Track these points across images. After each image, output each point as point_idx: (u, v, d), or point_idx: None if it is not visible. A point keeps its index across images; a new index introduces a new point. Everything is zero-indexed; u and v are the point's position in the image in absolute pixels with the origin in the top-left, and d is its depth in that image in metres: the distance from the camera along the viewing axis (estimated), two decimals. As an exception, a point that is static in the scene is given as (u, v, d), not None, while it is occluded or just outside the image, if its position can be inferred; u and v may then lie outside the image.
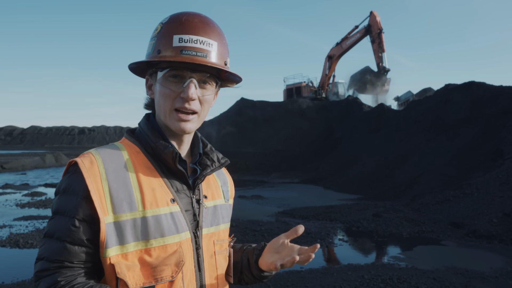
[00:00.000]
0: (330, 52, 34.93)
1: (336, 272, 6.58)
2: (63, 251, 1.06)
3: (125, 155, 1.18)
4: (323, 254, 8.11)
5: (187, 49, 1.14)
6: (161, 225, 1.12)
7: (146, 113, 1.32)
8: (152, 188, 1.15)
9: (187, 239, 1.18)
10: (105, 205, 1.09)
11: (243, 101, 33.51)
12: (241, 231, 9.28)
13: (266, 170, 24.80)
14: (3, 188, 19.13)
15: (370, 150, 21.51)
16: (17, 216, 11.91)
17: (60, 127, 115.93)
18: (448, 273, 6.52)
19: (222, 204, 1.35)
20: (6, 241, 8.87)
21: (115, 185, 1.11)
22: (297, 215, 11.81)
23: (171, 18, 1.19)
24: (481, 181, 11.83)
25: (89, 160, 1.12)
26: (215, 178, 1.39)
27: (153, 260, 1.11)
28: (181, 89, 1.16)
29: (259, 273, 1.36)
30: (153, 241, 1.11)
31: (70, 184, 1.10)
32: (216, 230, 1.30)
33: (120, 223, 1.09)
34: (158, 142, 1.19)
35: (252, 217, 11.33)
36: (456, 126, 17.94)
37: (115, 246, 1.08)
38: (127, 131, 1.30)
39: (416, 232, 9.67)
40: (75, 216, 1.07)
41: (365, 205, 13.14)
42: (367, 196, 16.00)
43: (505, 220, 9.39)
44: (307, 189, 18.97)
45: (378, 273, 6.46)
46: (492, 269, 6.99)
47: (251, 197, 15.83)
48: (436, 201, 11.81)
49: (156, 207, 1.13)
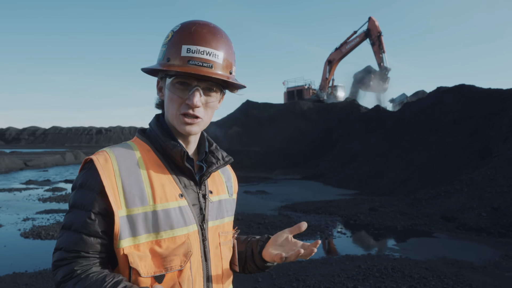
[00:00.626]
0: (330, 57, 34.82)
1: (334, 262, 6.56)
2: (79, 242, 1.06)
3: (137, 153, 1.18)
4: (323, 246, 8.08)
5: (194, 60, 1.14)
6: (170, 218, 1.13)
7: (156, 114, 1.32)
8: (162, 184, 1.15)
9: (194, 231, 1.18)
10: (119, 199, 1.09)
11: (249, 103, 33.51)
12: (246, 224, 9.28)
13: (269, 167, 24.79)
14: (26, 184, 19.24)
15: (367, 149, 21.46)
16: (39, 210, 11.97)
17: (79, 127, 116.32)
18: (439, 264, 6.49)
19: (226, 198, 1.35)
20: (29, 233, 8.93)
21: (128, 181, 1.11)
22: (299, 209, 11.80)
23: (181, 27, 1.18)
24: (471, 178, 11.76)
25: (103, 157, 1.12)
26: (220, 174, 1.39)
27: (163, 251, 1.11)
28: (187, 96, 1.16)
29: (262, 263, 1.36)
30: (163, 233, 1.11)
31: (86, 180, 1.11)
32: (221, 223, 1.30)
33: (133, 217, 1.09)
34: (167, 142, 1.20)
35: (256, 211, 11.33)
36: (447, 126, 17.87)
37: (128, 238, 1.08)
38: (139, 131, 1.30)
39: (409, 225, 9.63)
40: (91, 209, 1.07)
41: (362, 200, 13.12)
42: (364, 191, 15.96)
43: (493, 214, 9.34)
44: (308, 185, 18.95)
45: (374, 263, 6.44)
46: (480, 259, 6.95)
47: (256, 192, 15.83)
48: (428, 196, 11.76)
49: (165, 202, 1.13)
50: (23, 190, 17.05)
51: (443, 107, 19.15)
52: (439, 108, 19.38)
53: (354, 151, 22.21)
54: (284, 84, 37.34)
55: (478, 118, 16.69)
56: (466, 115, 17.44)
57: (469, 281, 5.53)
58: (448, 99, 19.23)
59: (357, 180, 17.99)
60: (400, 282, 5.49)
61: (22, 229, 9.41)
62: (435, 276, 5.72)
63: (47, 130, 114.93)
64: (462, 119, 17.44)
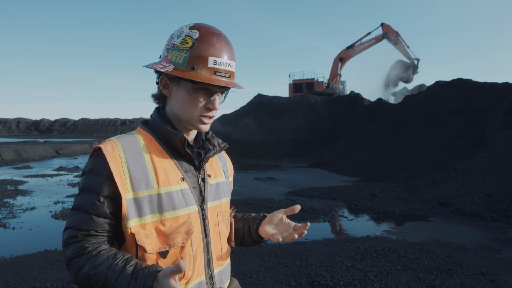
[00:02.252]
0: (342, 54, 34.35)
1: (335, 243, 6.58)
2: (89, 221, 1.09)
3: (141, 142, 1.20)
4: (325, 228, 8.10)
5: (220, 71, 1.17)
6: (173, 200, 1.15)
7: (156, 107, 1.33)
8: (165, 169, 1.18)
9: (194, 211, 1.20)
10: (126, 184, 1.11)
11: (260, 96, 33.39)
12: (255, 208, 9.33)
13: (279, 155, 24.77)
14: (57, 171, 19.55)
15: (369, 139, 21.30)
16: (68, 194, 12.18)
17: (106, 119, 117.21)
18: (433, 245, 6.46)
19: (223, 181, 1.38)
20: (60, 214, 9.10)
21: (134, 167, 1.13)
22: (304, 195, 11.81)
23: (201, 36, 1.17)
24: (466, 166, 11.62)
25: (111, 146, 1.15)
26: (217, 159, 1.41)
27: (166, 229, 1.14)
28: (208, 100, 1.20)
29: (259, 239, 1.41)
30: (167, 213, 1.14)
31: (95, 166, 1.13)
32: (219, 203, 1.33)
33: (139, 199, 1.12)
34: (169, 130, 1.22)
35: (265, 196, 11.38)
36: (445, 118, 17.63)
37: (135, 218, 1.11)
38: (142, 122, 1.32)
39: (407, 210, 9.58)
40: (100, 193, 1.10)
41: (364, 186, 13.06)
42: (366, 178, 15.88)
43: (486, 200, 9.24)
44: (314, 172, 18.91)
45: (372, 244, 6.43)
46: (472, 242, 6.90)
47: (265, 179, 15.86)
48: (425, 183, 11.66)
49: (168, 185, 1.16)
50: (55, 176, 17.33)
51: (441, 100, 18.86)
52: (438, 101, 19.09)
53: (358, 141, 22.06)
54: (290, 76, 36.54)
55: (474, 110, 16.43)
56: (463, 108, 17.17)
57: (460, 261, 5.50)
58: (446, 92, 18.93)
59: (360, 168, 17.89)
60: (396, 261, 5.48)
61: (53, 211, 9.60)
62: (428, 256, 5.70)
63: (76, 122, 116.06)
64: (459, 111, 17.18)
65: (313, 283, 4.74)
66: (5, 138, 69.67)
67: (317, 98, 30.95)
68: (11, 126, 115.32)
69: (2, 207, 9.97)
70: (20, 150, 27.06)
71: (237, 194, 11.75)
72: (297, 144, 26.03)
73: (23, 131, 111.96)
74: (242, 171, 19.18)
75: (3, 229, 7.83)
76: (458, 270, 5.14)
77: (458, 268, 5.24)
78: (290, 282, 4.79)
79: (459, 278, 4.89)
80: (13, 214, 9.22)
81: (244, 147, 27.23)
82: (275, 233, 1.34)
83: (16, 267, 5.45)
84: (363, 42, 33.35)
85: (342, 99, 29.84)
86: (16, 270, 5.30)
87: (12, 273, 5.20)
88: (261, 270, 5.21)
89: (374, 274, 4.97)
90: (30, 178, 16.32)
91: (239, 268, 5.27)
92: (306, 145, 25.69)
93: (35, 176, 17.05)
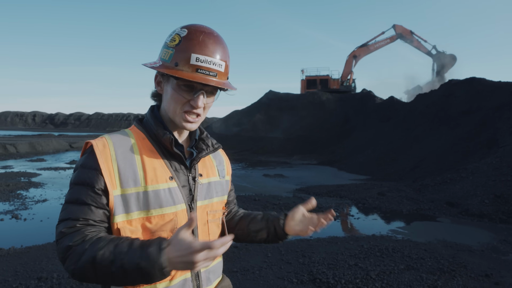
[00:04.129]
0: (356, 52, 34.17)
1: (339, 242, 6.56)
2: (88, 211, 1.10)
3: (132, 140, 1.23)
4: (331, 226, 8.08)
5: (202, 69, 1.17)
6: (159, 198, 1.17)
7: (151, 105, 1.36)
8: (154, 167, 1.20)
9: (182, 210, 1.21)
10: (114, 180, 1.14)
11: (271, 93, 33.36)
12: (262, 204, 9.35)
13: (288, 152, 24.73)
14: (70, 164, 19.83)
15: (380, 137, 21.12)
16: (80, 187, 12.33)
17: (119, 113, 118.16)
18: (438, 246, 6.40)
19: (216, 180, 1.38)
20: (70, 207, 9.25)
21: (123, 165, 1.16)
22: (312, 192, 11.76)
23: (189, 33, 1.19)
24: (477, 166, 11.44)
25: (102, 143, 1.17)
26: (211, 159, 1.42)
27: (152, 226, 1.16)
28: (191, 97, 1.20)
29: (285, 237, 1.45)
30: (153, 211, 1.16)
31: (87, 162, 1.15)
32: (210, 202, 1.33)
33: (126, 196, 1.14)
34: (159, 130, 1.24)
35: (273, 193, 11.38)
36: (457, 117, 17.37)
37: (122, 214, 1.13)
38: (136, 120, 1.35)
39: (414, 209, 9.48)
40: (94, 185, 1.11)
41: (372, 185, 12.96)
42: (375, 177, 15.75)
43: (496, 201, 9.10)
44: (323, 169, 18.83)
45: (376, 243, 6.40)
46: (479, 243, 6.80)
47: (274, 176, 15.86)
48: (434, 183, 11.52)
49: (156, 183, 1.18)
50: (67, 169, 17.59)
51: (454, 99, 18.58)
52: (450, 100, 18.81)
53: (368, 139, 21.89)
54: (303, 72, 35.99)
55: (487, 110, 16.13)
56: (476, 107, 16.88)
57: (464, 262, 5.44)
58: (459, 91, 18.63)
59: (369, 167, 17.75)
60: (399, 261, 5.45)
61: (64, 203, 9.74)
62: (433, 257, 5.65)
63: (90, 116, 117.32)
64: (472, 111, 16.90)
65: (314, 281, 4.75)
66: (21, 131, 70.99)
67: (328, 96, 30.79)
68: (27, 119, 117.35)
69: (15, 198, 10.18)
70: (35, 143, 27.53)
71: (245, 190, 11.78)
72: (307, 141, 25.95)
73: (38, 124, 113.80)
74: (251, 168, 19.22)
75: (15, 220, 8.00)
76: (462, 271, 5.09)
77: (462, 269, 5.19)
78: (291, 279, 4.80)
79: (462, 279, 4.84)
80: (25, 205, 9.41)
81: (254, 143, 27.26)
82: (302, 228, 1.38)
83: (26, 257, 5.58)
84: (378, 41, 33.17)
85: (354, 97, 29.65)
86: (25, 260, 5.42)
87: (21, 263, 5.32)
88: (263, 266, 5.24)
89: (376, 273, 4.96)
90: (43, 170, 16.60)
91: (242, 264, 5.31)
92: (316, 142, 25.58)
93: (48, 169, 17.34)
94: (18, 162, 19.98)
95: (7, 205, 9.38)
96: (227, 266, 5.21)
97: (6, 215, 8.37)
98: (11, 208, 9.04)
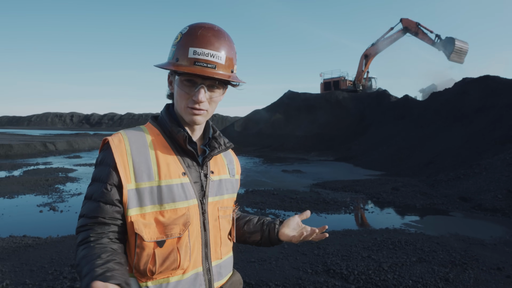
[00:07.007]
0: (367, 51, 33.50)
1: (354, 234, 6.47)
2: (98, 208, 1.11)
3: (147, 136, 1.22)
4: (346, 219, 7.97)
5: (199, 61, 1.15)
6: (172, 193, 1.16)
7: (166, 103, 1.35)
8: (167, 163, 1.18)
9: (194, 205, 1.20)
10: (129, 175, 1.13)
11: (290, 93, 33.18)
12: (280, 198, 9.32)
13: (306, 149, 24.57)
14: (103, 160, 20.29)
15: (395, 135, 20.70)
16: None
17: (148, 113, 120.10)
18: (451, 239, 6.22)
19: (227, 178, 1.36)
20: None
21: (138, 159, 1.15)
22: (328, 187, 11.63)
23: (189, 30, 1.18)
24: (490, 162, 11.07)
25: (118, 139, 1.17)
26: (222, 157, 1.40)
27: (165, 220, 1.14)
28: (193, 92, 1.18)
29: (277, 242, 1.44)
30: (166, 205, 1.14)
31: (104, 158, 1.16)
32: (220, 199, 1.31)
33: (140, 190, 1.13)
34: (173, 127, 1.23)
35: (291, 187, 11.33)
36: (471, 114, 16.84)
37: (135, 207, 1.12)
38: (151, 117, 1.34)
39: (428, 204, 9.25)
40: (107, 182, 1.11)
41: (386, 180, 12.73)
42: (390, 173, 15.46)
43: (509, 196, 8.78)
44: (339, 165, 18.61)
45: (389, 236, 6.28)
46: (492, 237, 6.57)
47: (292, 171, 15.78)
48: (448, 178, 11.22)
49: (169, 178, 1.16)
50: (101, 165, 17.98)
51: (468, 97, 18.02)
52: (464, 97, 18.26)
53: (383, 136, 21.50)
54: (321, 76, 36.48)
55: (501, 107, 15.58)
56: (490, 104, 16.33)
57: (476, 256, 5.27)
58: (473, 89, 18.06)
59: (384, 163, 17.44)
60: (411, 254, 5.33)
61: (97, 197, 9.97)
62: (445, 250, 5.50)
63: (123, 116, 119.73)
64: (485, 108, 16.36)
65: (328, 271, 4.70)
66: (60, 131, 73.07)
67: (345, 95, 30.41)
68: (65, 119, 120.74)
69: (54, 192, 10.48)
70: (72, 141, 28.32)
71: (264, 185, 11.77)
72: (325, 138, 25.71)
73: (76, 124, 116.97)
74: (270, 164, 19.18)
75: (53, 212, 8.25)
76: (474, 264, 4.94)
77: (474, 262, 5.03)
78: (306, 269, 4.76)
79: (473, 272, 4.69)
80: (62, 198, 9.68)
81: (274, 140, 27.20)
82: (295, 235, 1.38)
83: (61, 246, 5.74)
84: (386, 38, 32.26)
85: (370, 96, 29.16)
86: (60, 249, 5.57)
87: (57, 251, 5.47)
88: (280, 257, 5.21)
89: (389, 265, 4.86)
90: (79, 166, 17.03)
91: (260, 255, 5.30)
92: (333, 139, 25.31)
93: (83, 165, 17.77)
94: (56, 159, 20.58)
95: (46, 198, 9.67)
96: (245, 256, 5.21)
97: (45, 207, 8.63)
98: (49, 201, 9.32)
